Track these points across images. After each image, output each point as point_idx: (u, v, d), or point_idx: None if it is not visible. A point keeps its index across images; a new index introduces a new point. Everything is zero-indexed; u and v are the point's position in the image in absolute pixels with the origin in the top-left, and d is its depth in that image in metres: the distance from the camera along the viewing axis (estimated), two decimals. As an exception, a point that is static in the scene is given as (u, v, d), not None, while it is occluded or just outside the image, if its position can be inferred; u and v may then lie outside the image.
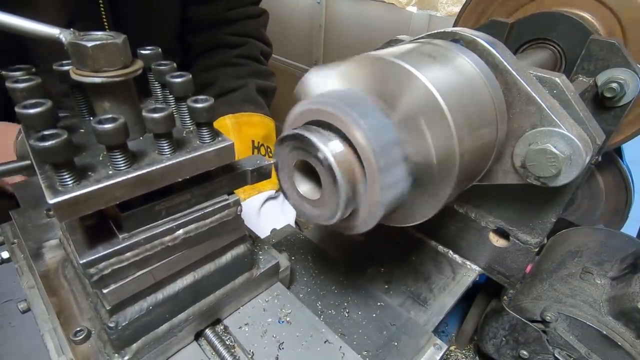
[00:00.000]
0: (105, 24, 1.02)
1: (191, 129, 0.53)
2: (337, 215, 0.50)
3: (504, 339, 0.88)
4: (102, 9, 0.99)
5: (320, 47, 2.86)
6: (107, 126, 0.40)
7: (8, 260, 0.72)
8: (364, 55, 0.53)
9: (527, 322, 0.82)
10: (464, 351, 1.14)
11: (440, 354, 0.70)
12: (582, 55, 0.83)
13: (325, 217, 0.52)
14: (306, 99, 0.52)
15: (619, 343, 0.72)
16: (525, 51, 0.96)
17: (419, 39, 0.67)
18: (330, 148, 0.47)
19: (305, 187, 0.54)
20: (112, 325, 0.50)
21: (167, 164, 0.45)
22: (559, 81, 0.61)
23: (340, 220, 0.52)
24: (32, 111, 0.40)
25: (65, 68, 0.51)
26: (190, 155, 0.47)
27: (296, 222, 1.30)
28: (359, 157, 0.48)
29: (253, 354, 0.59)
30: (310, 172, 0.52)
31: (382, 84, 0.51)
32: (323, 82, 0.57)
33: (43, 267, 0.64)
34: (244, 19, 1.34)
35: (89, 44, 0.43)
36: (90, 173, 0.42)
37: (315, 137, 0.47)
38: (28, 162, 0.50)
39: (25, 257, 0.69)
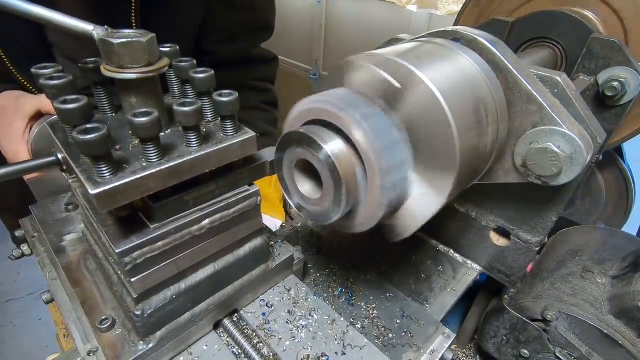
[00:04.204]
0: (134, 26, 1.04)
1: (212, 122, 0.55)
2: (336, 215, 0.50)
3: (504, 338, 0.88)
4: (134, 21, 1.01)
5: (321, 46, 2.86)
6: (144, 119, 0.41)
7: (29, 255, 0.75)
8: (364, 54, 0.53)
9: (528, 321, 0.82)
10: (465, 350, 1.14)
11: (449, 342, 0.72)
12: (583, 54, 0.83)
13: (325, 216, 0.52)
14: (305, 99, 0.52)
15: (620, 342, 0.72)
16: (526, 50, 0.96)
17: (419, 38, 0.67)
18: (331, 147, 0.47)
19: (306, 186, 0.54)
20: (138, 313, 0.52)
21: (196, 155, 0.48)
22: (560, 80, 0.61)
23: (340, 220, 0.52)
24: (72, 106, 0.42)
25: (91, 66, 0.54)
26: (217, 147, 0.50)
27: (292, 218, 1.32)
28: (359, 156, 0.48)
29: (269, 343, 0.61)
30: (310, 171, 0.52)
31: (382, 83, 0.51)
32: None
33: (65, 259, 0.67)
34: (261, 61, 1.43)
35: (116, 42, 0.45)
36: (125, 165, 0.45)
37: (316, 137, 0.47)
38: (53, 157, 0.52)
39: (47, 250, 0.71)
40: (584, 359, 0.76)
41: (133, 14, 1.01)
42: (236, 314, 0.66)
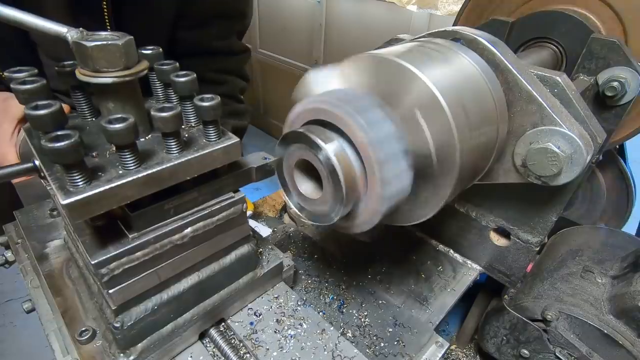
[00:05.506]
0: (107, 22, 1.02)
1: (195, 127, 0.53)
2: (337, 215, 0.50)
3: (504, 338, 0.88)
4: (105, 7, 0.99)
5: (321, 46, 2.86)
6: (118, 126, 0.40)
7: (12, 262, 0.73)
8: (364, 54, 0.53)
9: (528, 321, 0.82)
10: (464, 350, 1.14)
11: (442, 352, 0.70)
12: (583, 54, 0.83)
13: (326, 216, 0.52)
14: (305, 99, 0.52)
15: (620, 342, 0.72)
16: (526, 50, 0.96)
17: (419, 38, 0.67)
18: (331, 147, 0.47)
19: (305, 186, 0.54)
20: (117, 325, 0.50)
21: (176, 162, 0.46)
22: (560, 80, 0.61)
23: (340, 220, 0.52)
24: (43, 112, 0.40)
25: (68, 69, 0.52)
26: (198, 154, 0.48)
27: (291, 218, 1.31)
28: (359, 156, 0.48)
29: (256, 354, 0.60)
30: (310, 171, 0.52)
31: (382, 83, 0.51)
32: (323, 82, 0.57)
33: (47, 267, 0.65)
34: (228, 54, 1.37)
35: (90, 44, 0.43)
36: (100, 173, 0.43)
37: (316, 137, 0.47)
38: (31, 164, 0.50)
39: (30, 257, 0.70)
40: (584, 359, 0.76)
41: (104, 4, 1.00)
42: (223, 323, 0.64)
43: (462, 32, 0.61)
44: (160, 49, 0.56)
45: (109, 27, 1.02)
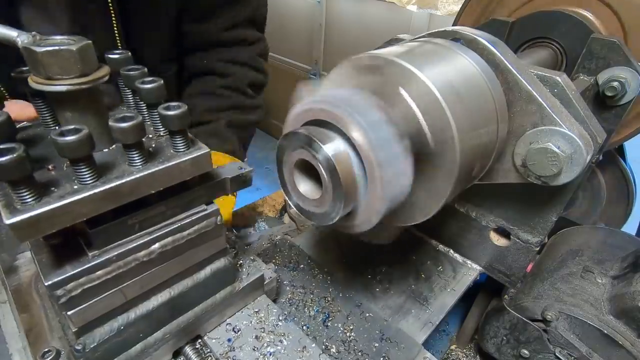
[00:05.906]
0: (113, 18, 1.01)
1: (163, 137, 0.50)
2: (337, 215, 0.50)
3: (504, 338, 0.87)
4: (112, 10, 0.98)
5: (321, 46, 2.86)
6: (69, 138, 0.36)
7: None
8: (364, 54, 0.53)
9: (528, 321, 0.82)
10: (464, 350, 1.14)
11: None
12: (583, 54, 0.83)
13: (326, 216, 0.52)
14: (305, 99, 0.52)
15: (620, 342, 0.72)
16: (525, 50, 0.96)
17: (419, 38, 0.66)
18: (330, 148, 0.46)
19: (305, 186, 0.54)
20: (79, 347, 0.47)
21: (138, 175, 0.43)
22: (560, 80, 0.60)
23: (340, 220, 0.52)
24: None
25: (25, 75, 0.48)
26: (163, 166, 0.44)
27: (291, 218, 1.29)
28: (359, 156, 0.47)
29: None
30: (310, 171, 0.52)
31: (382, 83, 0.51)
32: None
33: (16, 281, 0.61)
34: (238, 43, 1.33)
35: (40, 50, 0.40)
36: (53, 189, 0.39)
37: (315, 137, 0.47)
38: None
39: None
40: (584, 359, 0.76)
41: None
42: (199, 340, 0.61)
43: (462, 32, 0.61)
44: (129, 53, 0.53)
45: (115, 23, 1.02)
